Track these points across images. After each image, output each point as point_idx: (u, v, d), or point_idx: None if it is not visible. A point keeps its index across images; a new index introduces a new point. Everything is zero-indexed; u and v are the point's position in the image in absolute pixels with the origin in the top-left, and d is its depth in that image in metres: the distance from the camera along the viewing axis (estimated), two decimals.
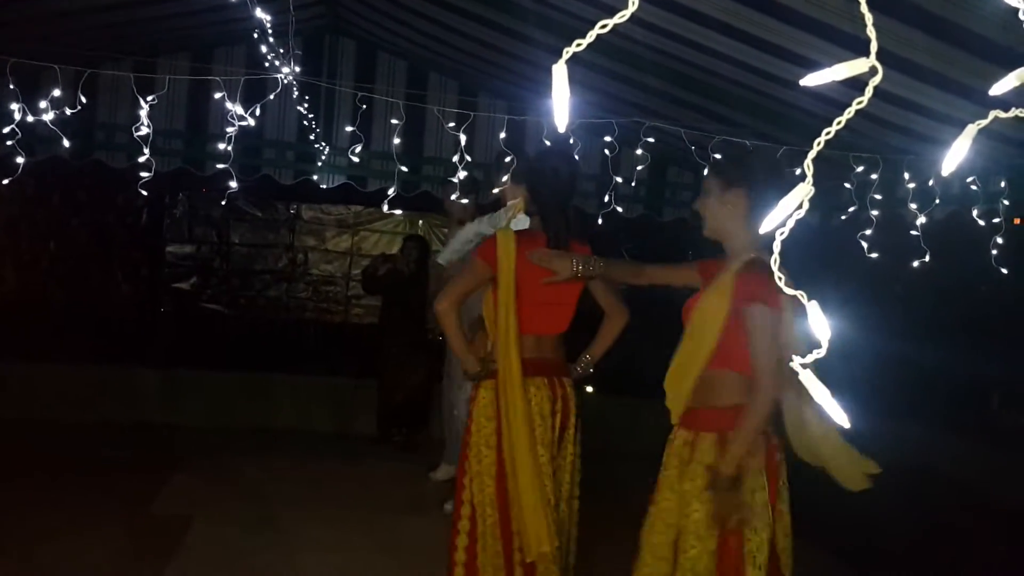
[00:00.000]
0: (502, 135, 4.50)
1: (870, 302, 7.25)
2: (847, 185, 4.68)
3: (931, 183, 4.27)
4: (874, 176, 4.50)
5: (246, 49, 5.69)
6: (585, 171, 4.90)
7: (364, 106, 5.05)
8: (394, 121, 4.61)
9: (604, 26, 0.83)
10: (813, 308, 0.85)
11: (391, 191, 4.49)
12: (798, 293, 0.88)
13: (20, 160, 3.91)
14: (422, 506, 5.27)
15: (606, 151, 4.73)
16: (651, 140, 4.69)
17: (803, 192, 0.85)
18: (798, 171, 4.42)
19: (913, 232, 4.34)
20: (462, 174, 4.54)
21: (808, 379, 0.85)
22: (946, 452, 6.98)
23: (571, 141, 4.18)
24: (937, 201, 4.26)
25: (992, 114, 0.89)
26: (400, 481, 5.78)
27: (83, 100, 4.15)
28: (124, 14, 4.77)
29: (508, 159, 4.29)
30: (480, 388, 3.17)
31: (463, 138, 4.45)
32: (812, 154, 0.87)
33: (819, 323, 0.84)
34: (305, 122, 5.53)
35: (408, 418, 6.67)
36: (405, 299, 6.56)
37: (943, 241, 4.41)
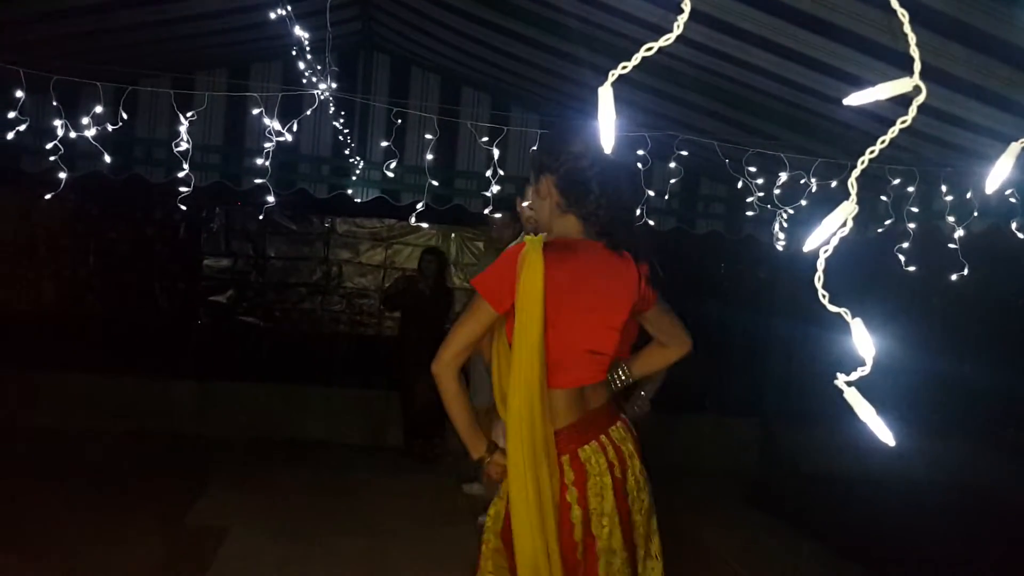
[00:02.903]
0: (534, 149, 4.51)
1: (908, 316, 7.17)
2: (883, 198, 4.64)
3: (969, 196, 4.22)
4: (911, 189, 4.46)
5: (282, 65, 5.77)
6: None
7: (399, 121, 5.09)
8: (428, 136, 4.64)
9: (650, 48, 0.84)
10: (857, 325, 0.84)
11: (419, 205, 4.51)
12: (842, 311, 0.87)
13: (62, 175, 3.99)
14: (454, 518, 5.28)
15: (639, 164, 4.72)
16: (684, 153, 4.68)
17: (847, 210, 0.85)
18: (833, 183, 4.41)
19: (951, 245, 4.29)
20: (495, 188, 4.56)
21: (853, 397, 0.85)
22: (987, 468, 6.87)
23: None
24: (975, 214, 4.21)
25: None
26: (432, 493, 5.80)
27: (124, 116, 4.22)
28: (163, 31, 4.85)
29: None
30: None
31: (496, 152, 4.46)
32: (856, 172, 0.87)
33: (864, 340, 0.84)
34: (340, 137, 5.58)
35: (426, 430, 6.72)
36: (423, 312, 6.66)
37: (981, 255, 4.35)
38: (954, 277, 4.30)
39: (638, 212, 5.05)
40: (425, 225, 5.91)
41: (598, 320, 2.31)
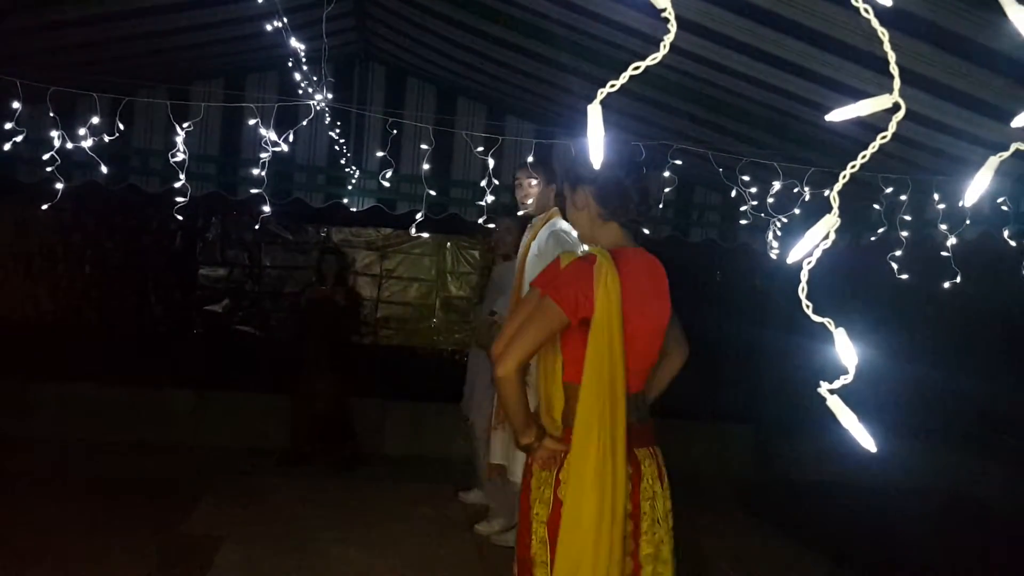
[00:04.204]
0: (529, 159, 4.53)
1: (900, 324, 7.20)
2: (876, 206, 4.67)
3: (961, 204, 4.24)
4: (903, 197, 4.49)
5: (278, 75, 5.80)
6: None
7: (395, 131, 5.11)
8: (424, 146, 4.66)
9: (637, 67, 0.86)
10: (840, 335, 0.86)
11: (419, 215, 4.52)
12: (825, 320, 0.89)
13: (59, 186, 3.99)
14: (451, 526, 5.29)
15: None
16: (678, 162, 4.71)
17: (829, 223, 0.87)
18: (826, 192, 4.43)
19: (943, 253, 4.32)
20: (490, 198, 4.58)
21: (836, 404, 0.87)
22: (977, 475, 6.90)
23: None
24: (967, 222, 4.24)
25: (1013, 146, 0.91)
26: (428, 501, 5.79)
27: (120, 127, 4.24)
28: (160, 42, 4.88)
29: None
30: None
31: (491, 162, 4.48)
32: (838, 187, 0.89)
33: (846, 349, 0.86)
34: (336, 146, 5.61)
35: (329, 435, 6.61)
36: (328, 316, 6.63)
37: (974, 262, 4.38)
38: (947, 285, 4.33)
39: None
40: (425, 235, 5.84)
41: (652, 327, 2.38)
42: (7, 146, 3.92)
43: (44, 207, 4.14)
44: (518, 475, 3.88)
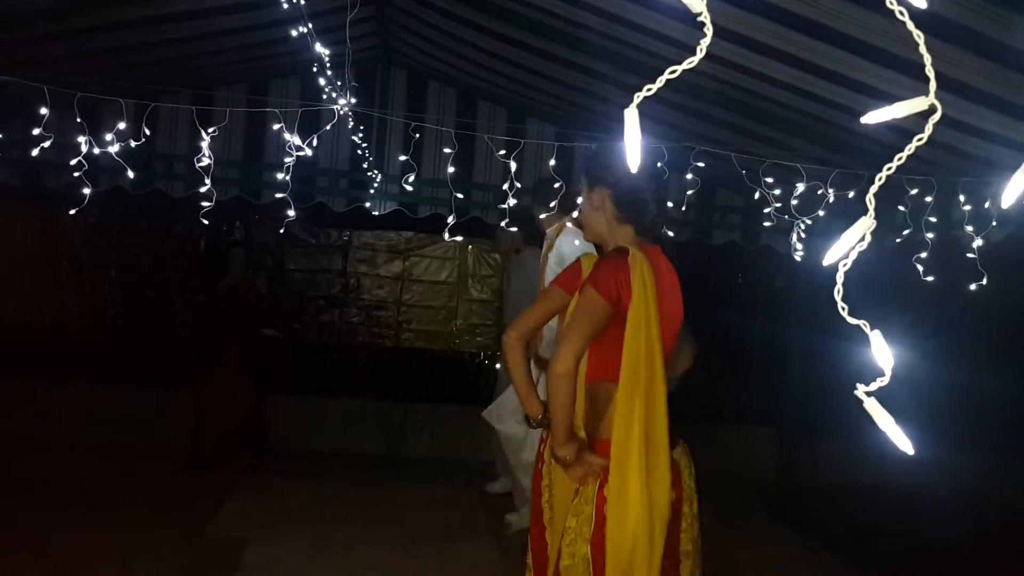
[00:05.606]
0: (552, 161, 4.53)
1: (927, 326, 7.14)
2: (901, 208, 4.64)
3: (987, 205, 4.21)
4: (929, 198, 4.45)
5: (300, 80, 5.83)
6: None
7: (417, 135, 5.13)
8: (447, 150, 4.67)
9: (674, 71, 0.86)
10: (876, 337, 0.86)
11: (450, 219, 4.50)
12: (861, 323, 0.89)
13: (85, 191, 4.02)
14: (472, 529, 5.29)
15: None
16: (701, 164, 4.69)
17: (865, 225, 0.86)
18: (851, 194, 4.41)
19: (969, 255, 4.28)
20: (512, 201, 4.58)
21: (873, 407, 0.86)
22: (1007, 478, 6.82)
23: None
24: (994, 224, 4.20)
25: None
26: (450, 504, 5.80)
27: (146, 132, 4.26)
28: (185, 48, 4.92)
29: (557, 185, 4.34)
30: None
31: (513, 165, 4.48)
32: (874, 189, 0.89)
33: (882, 352, 0.85)
34: (358, 151, 5.63)
35: (236, 439, 6.26)
36: (240, 304, 6.41)
37: (1001, 264, 4.34)
38: (973, 287, 4.29)
39: None
40: (459, 238, 5.76)
41: (671, 322, 2.41)
42: (35, 152, 3.96)
43: (72, 212, 4.17)
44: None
